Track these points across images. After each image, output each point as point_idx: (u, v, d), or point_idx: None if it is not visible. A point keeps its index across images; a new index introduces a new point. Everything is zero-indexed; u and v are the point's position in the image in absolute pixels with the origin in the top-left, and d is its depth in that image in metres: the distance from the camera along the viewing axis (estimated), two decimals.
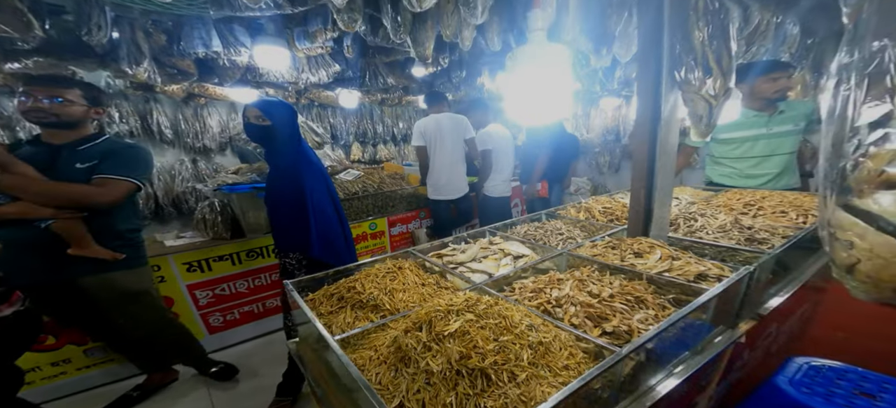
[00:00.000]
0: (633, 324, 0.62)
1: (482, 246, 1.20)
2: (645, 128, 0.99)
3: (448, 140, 2.48)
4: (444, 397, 0.48)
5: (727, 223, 1.03)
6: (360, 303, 0.82)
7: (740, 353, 0.87)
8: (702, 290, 0.68)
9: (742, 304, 0.77)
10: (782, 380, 0.81)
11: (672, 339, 0.64)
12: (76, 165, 1.24)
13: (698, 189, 1.74)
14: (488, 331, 0.55)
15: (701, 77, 0.89)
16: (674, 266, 0.79)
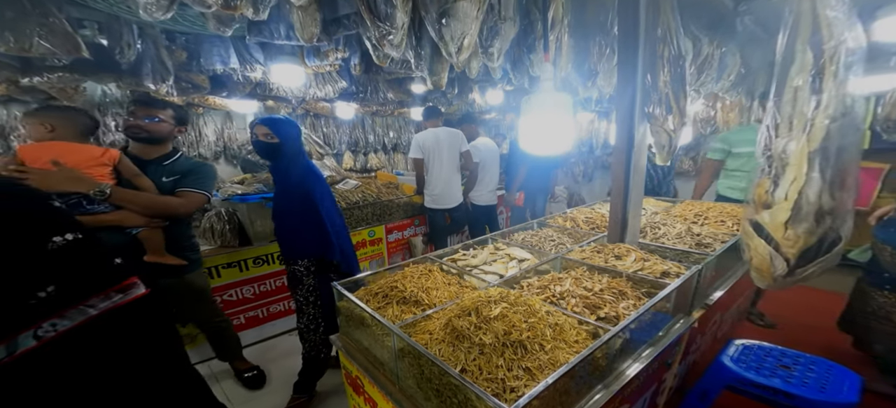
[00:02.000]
0: (620, 310, 0.82)
1: (490, 251, 1.38)
2: (621, 152, 1.23)
3: (445, 153, 2.65)
4: (495, 361, 0.65)
5: (682, 231, 1.29)
6: (403, 299, 0.97)
7: (694, 337, 1.11)
8: (666, 284, 0.91)
9: (694, 295, 1.01)
10: (725, 358, 1.06)
11: (646, 322, 0.85)
12: (163, 179, 1.35)
13: (661, 200, 2.04)
14: (520, 315, 0.73)
15: (664, 113, 1.13)
16: (645, 266, 1.02)
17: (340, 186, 3.02)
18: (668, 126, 1.11)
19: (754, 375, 1.00)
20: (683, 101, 1.10)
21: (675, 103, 1.10)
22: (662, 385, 1.06)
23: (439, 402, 0.71)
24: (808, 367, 1.02)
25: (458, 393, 0.66)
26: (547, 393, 0.59)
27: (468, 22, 0.98)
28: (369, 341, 0.97)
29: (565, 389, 0.65)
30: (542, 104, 0.93)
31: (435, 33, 0.98)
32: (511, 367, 0.64)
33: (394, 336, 0.81)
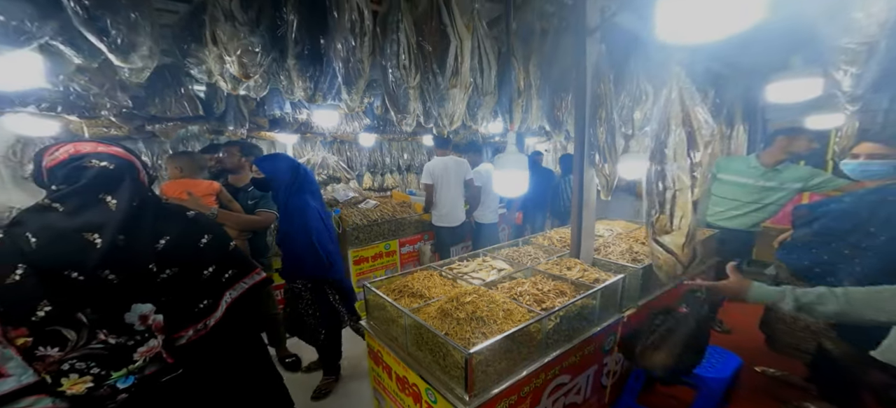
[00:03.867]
0: (556, 303, 1.19)
1: (478, 262, 1.77)
2: (576, 189, 1.60)
3: (452, 180, 3.08)
4: (466, 328, 1.04)
5: (625, 249, 1.64)
6: (412, 293, 1.37)
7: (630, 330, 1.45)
8: (593, 287, 1.27)
9: (622, 297, 1.36)
10: None
11: (577, 313, 1.22)
12: (248, 202, 1.86)
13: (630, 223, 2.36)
14: (484, 302, 1.11)
15: (601, 161, 1.50)
16: (584, 275, 1.38)
17: (362, 206, 3.50)
18: (605, 171, 1.49)
19: None
20: (615, 153, 1.48)
21: (609, 154, 1.48)
22: (605, 368, 1.39)
23: (432, 357, 1.09)
24: (717, 354, 1.33)
25: (442, 348, 1.04)
26: (494, 346, 0.97)
27: (458, 102, 1.42)
28: (388, 323, 1.36)
29: (508, 348, 1.03)
30: (506, 163, 1.35)
31: (436, 113, 1.41)
32: (474, 333, 1.03)
33: (405, 316, 1.20)
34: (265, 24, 1.01)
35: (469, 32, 1.35)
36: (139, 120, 2.23)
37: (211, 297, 1.05)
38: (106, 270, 0.89)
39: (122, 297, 0.92)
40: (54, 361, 0.84)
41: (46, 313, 0.83)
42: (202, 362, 1.05)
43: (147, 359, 0.94)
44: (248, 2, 0.99)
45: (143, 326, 0.93)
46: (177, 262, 1.00)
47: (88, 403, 0.88)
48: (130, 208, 0.95)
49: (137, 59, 0.84)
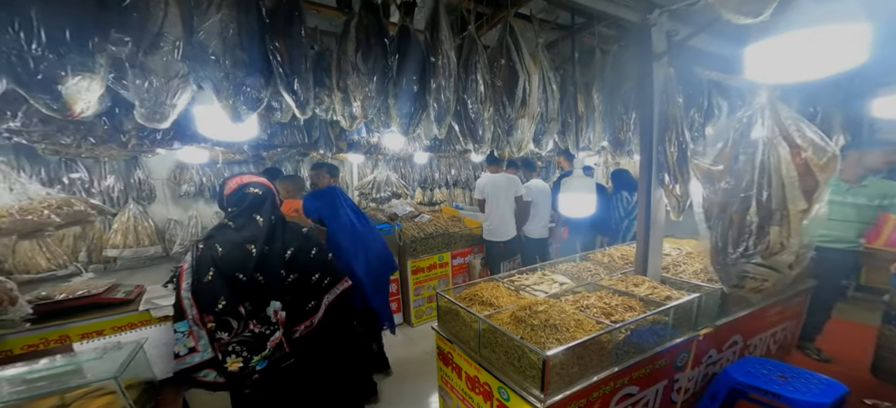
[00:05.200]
0: (625, 317, 1.24)
1: (539, 276, 1.85)
2: (642, 209, 1.61)
3: (502, 196, 3.17)
4: (540, 334, 1.15)
5: (699, 269, 1.58)
6: (482, 301, 1.52)
7: (706, 349, 1.40)
8: (665, 304, 1.28)
9: (697, 316, 1.34)
10: (731, 368, 1.33)
11: (648, 327, 1.24)
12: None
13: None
14: (555, 312, 1.21)
15: (671, 181, 1.50)
16: (654, 292, 1.39)
17: (419, 219, 3.80)
18: (676, 192, 1.48)
19: (750, 379, 1.25)
20: (687, 172, 1.47)
21: (680, 175, 1.48)
22: (676, 384, 1.37)
23: (506, 359, 1.22)
24: (803, 378, 1.22)
25: (517, 350, 1.16)
26: (569, 351, 1.06)
27: (526, 131, 1.55)
28: (459, 328, 1.51)
29: (580, 355, 1.11)
30: (574, 186, 1.44)
31: (505, 142, 1.57)
32: (548, 338, 1.13)
33: (479, 321, 1.34)
34: (378, 71, 1.24)
35: (536, 66, 1.49)
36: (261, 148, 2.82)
37: (315, 299, 1.32)
38: (257, 272, 1.18)
39: (265, 295, 1.18)
40: (224, 343, 1.11)
41: (223, 305, 1.10)
42: (309, 353, 1.30)
43: (273, 348, 1.18)
44: (366, 54, 1.21)
45: (274, 319, 1.19)
46: (297, 268, 1.26)
47: (238, 379, 1.13)
48: (270, 224, 1.25)
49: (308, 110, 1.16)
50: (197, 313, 1.10)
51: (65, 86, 0.74)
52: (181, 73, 0.91)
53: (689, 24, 1.52)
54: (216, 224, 1.29)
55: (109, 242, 3.00)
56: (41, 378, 1.04)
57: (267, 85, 1.08)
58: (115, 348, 1.16)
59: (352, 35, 1.22)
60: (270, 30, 1.05)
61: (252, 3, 1.01)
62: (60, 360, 1.13)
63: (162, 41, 0.86)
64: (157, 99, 0.91)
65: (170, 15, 0.87)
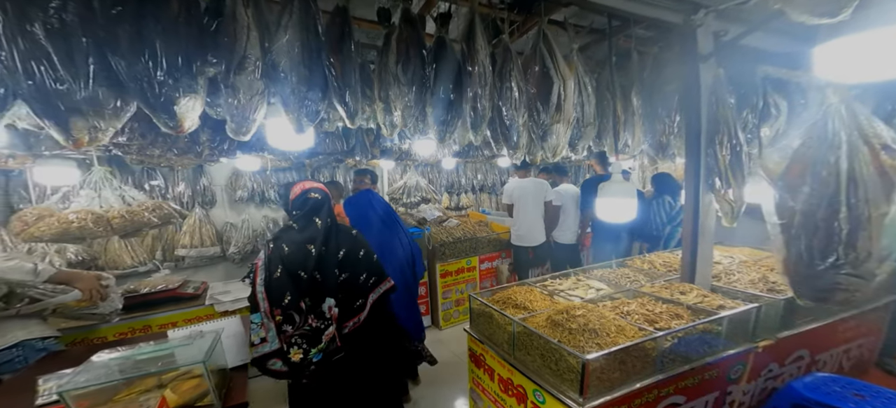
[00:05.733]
0: (671, 325, 1.17)
1: (573, 281, 1.81)
2: (689, 215, 1.52)
3: (531, 201, 3.13)
4: (578, 337, 1.13)
5: (756, 278, 1.45)
6: (515, 304, 1.52)
7: (765, 363, 1.27)
8: (717, 313, 1.20)
9: (755, 327, 1.23)
10: (796, 383, 1.19)
11: (697, 336, 1.17)
12: None
13: (758, 250, 2.03)
14: (594, 316, 1.19)
15: (723, 186, 1.41)
16: (705, 300, 1.30)
17: (446, 224, 3.86)
18: (729, 197, 1.38)
19: (819, 395, 1.11)
20: (741, 178, 1.37)
21: (734, 179, 1.38)
22: (729, 396, 1.26)
23: (542, 362, 1.21)
24: (884, 398, 1.06)
25: (554, 353, 1.15)
26: (610, 356, 1.04)
27: (561, 136, 1.54)
28: (492, 330, 1.50)
29: (621, 360, 1.07)
30: (613, 191, 1.40)
31: (540, 148, 1.58)
32: (588, 342, 1.11)
33: (514, 324, 1.35)
34: (417, 81, 1.30)
35: (571, 71, 1.49)
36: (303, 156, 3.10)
37: (362, 297, 1.40)
38: (315, 271, 1.27)
39: (321, 292, 1.28)
40: (289, 335, 1.20)
41: (289, 300, 1.20)
42: (357, 348, 1.38)
43: (327, 341, 1.26)
44: (406, 65, 1.28)
45: (329, 315, 1.27)
46: (348, 268, 1.35)
47: (298, 369, 1.22)
48: (326, 227, 1.35)
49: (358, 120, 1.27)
50: (268, 306, 1.20)
51: (178, 106, 0.89)
52: (260, 90, 1.04)
53: (739, 23, 1.44)
54: (282, 227, 1.41)
55: (180, 242, 3.39)
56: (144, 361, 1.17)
57: (324, 98, 1.18)
58: (198, 336, 1.29)
59: (393, 47, 1.29)
60: (325, 47, 1.15)
61: (311, 24, 1.10)
62: (154, 345, 1.27)
63: (246, 62, 1.00)
64: (243, 114, 1.04)
65: (251, 38, 1.00)
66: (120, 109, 0.89)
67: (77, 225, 2.24)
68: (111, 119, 0.88)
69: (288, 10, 1.08)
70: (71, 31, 0.78)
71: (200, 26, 0.93)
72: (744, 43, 1.44)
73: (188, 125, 0.95)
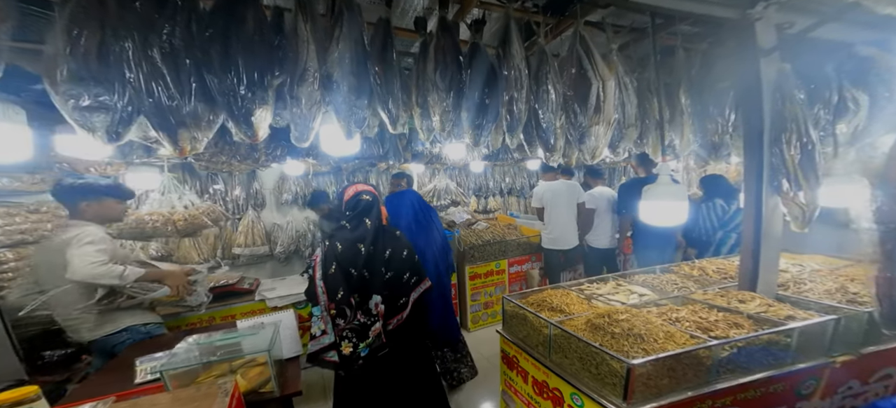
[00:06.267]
0: (730, 334, 1.08)
1: (612, 286, 1.73)
2: (750, 219, 1.39)
3: (563, 204, 3.04)
4: (622, 342, 1.09)
5: (833, 288, 1.28)
6: (551, 307, 1.48)
7: (844, 380, 1.12)
8: (785, 324, 1.08)
9: (832, 341, 1.09)
10: (884, 403, 1.03)
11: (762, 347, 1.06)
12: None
13: (834, 258, 1.78)
14: (639, 321, 1.14)
15: (792, 188, 1.27)
16: (770, 310, 1.18)
17: (475, 227, 3.87)
18: (800, 200, 1.25)
19: None
20: (815, 178, 1.23)
21: (805, 180, 1.24)
22: None
23: (581, 365, 1.17)
24: None
25: (595, 357, 1.12)
26: (658, 363, 0.99)
27: (600, 137, 1.48)
28: (527, 332, 1.48)
29: (671, 367, 1.01)
30: (659, 193, 1.32)
31: (577, 150, 1.53)
32: (633, 347, 1.07)
33: (551, 327, 1.32)
34: (454, 87, 1.32)
35: (611, 72, 1.45)
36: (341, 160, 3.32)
37: (405, 296, 1.43)
38: (364, 269, 1.34)
39: (369, 289, 1.34)
40: (341, 329, 1.27)
41: (341, 295, 1.27)
42: (399, 344, 1.42)
43: (374, 337, 1.32)
44: (443, 71, 1.28)
45: (375, 311, 1.33)
46: (393, 267, 1.40)
47: (348, 362, 1.28)
48: (375, 227, 1.41)
49: (398, 125, 1.35)
50: (326, 299, 1.28)
51: (255, 117, 1.01)
52: (317, 100, 1.13)
53: (808, 15, 1.31)
54: (336, 227, 1.49)
55: (235, 241, 3.76)
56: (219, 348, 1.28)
57: (369, 105, 1.25)
58: (260, 327, 1.40)
59: (430, 55, 1.32)
60: (370, 57, 1.22)
61: (358, 36, 1.16)
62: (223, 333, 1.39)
63: (306, 74, 1.09)
64: (305, 122, 1.13)
65: (310, 52, 1.09)
66: (212, 121, 1.02)
67: (150, 225, 2.54)
68: (205, 130, 1.02)
69: (339, 23, 1.16)
70: (178, 54, 0.93)
71: (270, 43, 1.04)
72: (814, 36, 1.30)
73: (262, 134, 1.06)
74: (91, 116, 0.88)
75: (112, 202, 1.72)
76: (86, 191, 1.68)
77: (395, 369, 1.44)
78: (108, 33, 0.86)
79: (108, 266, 1.45)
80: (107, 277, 1.46)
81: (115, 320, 1.59)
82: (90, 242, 1.49)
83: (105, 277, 1.46)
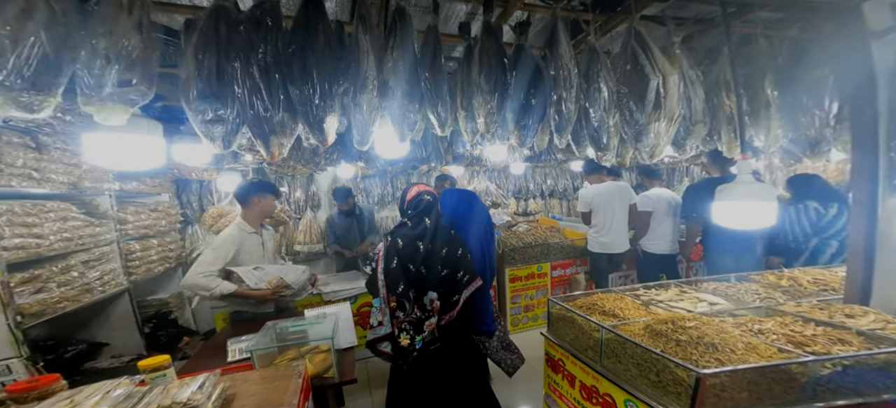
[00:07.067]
0: (833, 350, 0.92)
1: (675, 292, 1.57)
2: (861, 224, 1.18)
3: (617, 206, 2.85)
4: (690, 351, 0.99)
5: None
6: (603, 311, 1.39)
7: None
8: None
9: None
10: None
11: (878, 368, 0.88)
12: None
13: None
14: (712, 330, 1.02)
15: None
16: (888, 327, 0.97)
17: (516, 228, 3.79)
18: None
19: None
20: None
21: None
22: None
23: (638, 371, 1.08)
24: None
25: (656, 364, 1.02)
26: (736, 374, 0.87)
27: (662, 135, 1.36)
28: (575, 335, 1.40)
29: (753, 381, 0.89)
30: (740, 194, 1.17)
31: (633, 149, 1.42)
32: (703, 356, 0.96)
33: (603, 330, 1.24)
34: (499, 89, 1.33)
35: (674, 66, 1.34)
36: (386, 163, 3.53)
37: (458, 293, 1.43)
38: (422, 265, 1.38)
39: (425, 285, 1.37)
40: (400, 321, 1.32)
41: (401, 289, 1.32)
42: (451, 339, 1.44)
43: (429, 331, 1.34)
44: (488, 74, 1.29)
45: (430, 306, 1.36)
46: (449, 265, 1.42)
47: (403, 353, 1.32)
48: (434, 226, 1.44)
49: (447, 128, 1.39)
50: (386, 292, 1.35)
51: (326, 123, 1.13)
52: (376, 106, 1.21)
53: None
54: (397, 224, 1.56)
55: (296, 239, 4.14)
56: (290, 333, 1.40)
57: (419, 109, 1.31)
58: (322, 317, 1.51)
59: (475, 58, 1.34)
60: (421, 63, 1.25)
61: (410, 44, 1.21)
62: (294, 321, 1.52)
63: (367, 82, 1.17)
64: (365, 127, 1.22)
65: (370, 62, 1.17)
66: (292, 129, 1.15)
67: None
68: (289, 136, 1.15)
69: (393, 33, 1.21)
70: (270, 70, 1.07)
71: (337, 54, 1.15)
72: None
73: (331, 139, 1.16)
74: (212, 127, 1.06)
75: (271, 198, 2.04)
76: (258, 188, 2.03)
77: (445, 362, 1.46)
78: (223, 56, 1.03)
79: (206, 279, 1.71)
80: (200, 288, 1.71)
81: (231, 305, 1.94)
82: (214, 248, 1.78)
83: (199, 288, 1.71)
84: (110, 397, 0.75)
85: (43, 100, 0.80)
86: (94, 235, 2.07)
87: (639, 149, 1.40)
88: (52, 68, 0.80)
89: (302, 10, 1.13)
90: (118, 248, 2.29)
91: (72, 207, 1.94)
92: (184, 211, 3.52)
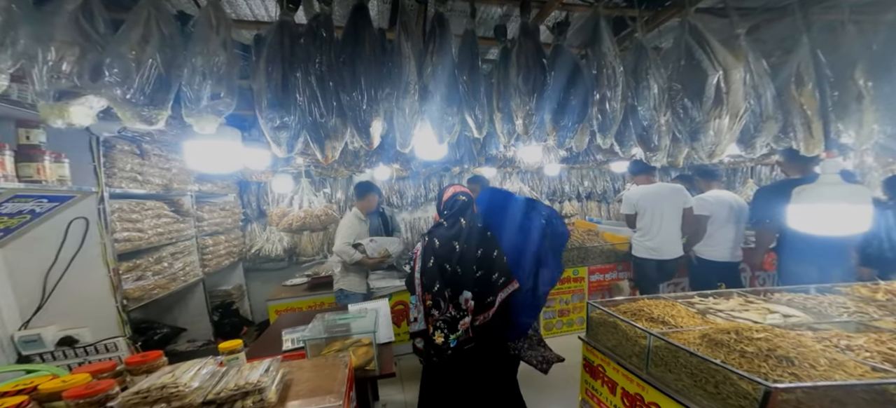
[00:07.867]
0: None
1: (738, 302, 1.42)
2: None
3: (668, 209, 2.62)
4: (758, 363, 0.89)
5: None
6: (651, 317, 1.31)
7: None
8: None
9: None
10: None
11: None
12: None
13: None
14: (787, 343, 0.92)
15: None
16: None
17: None
18: None
19: None
20: None
21: None
22: None
23: (692, 381, 1.00)
24: None
25: (714, 375, 0.93)
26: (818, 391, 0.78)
27: (724, 132, 1.24)
28: (617, 341, 1.32)
29: (840, 399, 0.78)
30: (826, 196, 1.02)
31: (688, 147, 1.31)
32: (774, 370, 0.87)
33: (650, 337, 1.16)
34: (538, 90, 1.28)
35: (738, 59, 1.23)
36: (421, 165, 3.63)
37: (493, 295, 1.42)
38: (457, 265, 1.38)
39: (460, 285, 1.37)
40: (435, 319, 1.33)
41: (437, 287, 1.33)
42: (484, 340, 1.43)
43: (463, 330, 1.34)
44: (527, 75, 1.27)
45: (465, 306, 1.36)
46: (484, 266, 1.41)
47: (438, 350, 1.34)
48: (469, 226, 1.45)
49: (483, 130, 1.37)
50: (421, 291, 1.38)
51: (372, 127, 1.19)
52: (417, 109, 1.24)
53: None
54: (433, 224, 1.60)
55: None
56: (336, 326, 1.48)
57: (457, 112, 1.32)
58: (364, 312, 1.57)
59: (513, 60, 1.32)
60: (459, 67, 1.26)
61: (449, 49, 1.22)
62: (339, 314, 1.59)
63: (409, 87, 1.20)
64: (407, 130, 1.27)
65: (411, 67, 1.20)
66: (342, 133, 1.23)
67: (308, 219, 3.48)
68: (340, 141, 1.23)
69: (433, 38, 1.23)
70: (324, 78, 1.15)
71: (381, 61, 1.20)
72: None
73: (376, 142, 1.22)
74: (279, 133, 1.17)
75: (375, 196, 2.70)
76: (369, 188, 2.69)
77: (478, 363, 1.46)
78: (287, 67, 1.13)
79: (346, 247, 2.43)
80: (345, 254, 2.44)
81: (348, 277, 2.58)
82: (345, 226, 2.51)
83: (344, 254, 2.44)
84: (200, 374, 0.87)
85: (158, 113, 0.96)
86: (179, 230, 2.38)
87: (695, 148, 1.30)
88: (165, 85, 0.95)
89: (350, 21, 1.21)
90: (196, 242, 2.63)
91: (164, 206, 2.26)
92: (245, 210, 3.92)
